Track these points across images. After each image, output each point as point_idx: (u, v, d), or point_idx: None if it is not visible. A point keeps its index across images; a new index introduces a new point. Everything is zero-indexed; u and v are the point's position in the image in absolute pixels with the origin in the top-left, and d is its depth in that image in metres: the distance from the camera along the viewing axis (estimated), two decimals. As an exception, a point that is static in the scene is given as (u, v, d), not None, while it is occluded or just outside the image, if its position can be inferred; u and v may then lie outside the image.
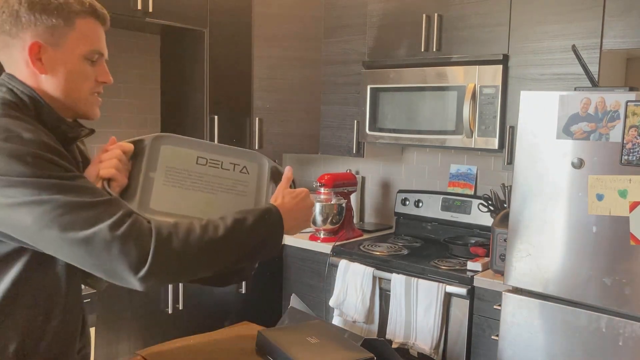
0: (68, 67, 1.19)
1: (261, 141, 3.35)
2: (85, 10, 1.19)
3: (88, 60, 1.21)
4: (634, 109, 1.97)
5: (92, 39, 1.21)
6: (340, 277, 2.88)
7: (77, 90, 1.21)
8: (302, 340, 1.51)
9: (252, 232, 1.20)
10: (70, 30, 1.18)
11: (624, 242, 2.02)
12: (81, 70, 1.21)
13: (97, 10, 1.22)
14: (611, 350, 2.07)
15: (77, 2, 1.18)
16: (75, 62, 1.20)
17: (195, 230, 1.14)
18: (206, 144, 1.35)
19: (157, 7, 2.79)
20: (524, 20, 2.57)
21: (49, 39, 1.16)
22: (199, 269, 1.15)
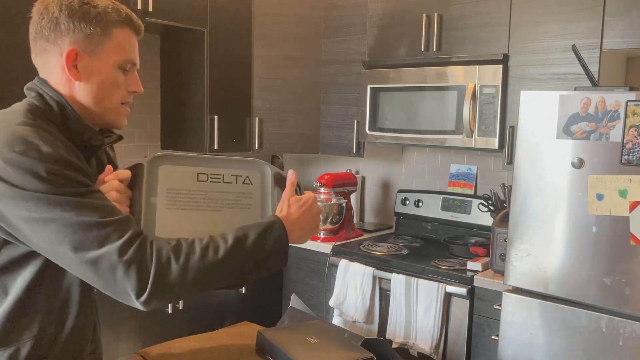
0: (102, 75, 1.21)
1: (261, 141, 3.35)
2: (122, 20, 1.21)
3: (121, 69, 1.23)
4: (634, 108, 1.97)
5: (127, 49, 1.22)
6: (340, 277, 2.88)
7: (108, 98, 1.23)
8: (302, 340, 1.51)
9: (255, 248, 1.19)
10: (107, 40, 1.19)
11: (624, 242, 2.02)
12: (114, 79, 1.22)
13: (134, 20, 1.24)
14: (611, 350, 2.07)
15: (114, 11, 1.20)
16: (109, 70, 1.21)
17: (194, 252, 1.13)
18: (205, 158, 1.32)
19: (157, 7, 2.79)
20: (524, 20, 2.57)
21: (87, 47, 1.18)
22: (200, 289, 1.16)
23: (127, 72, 1.24)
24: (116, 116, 1.26)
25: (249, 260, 1.19)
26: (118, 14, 1.21)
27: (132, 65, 1.25)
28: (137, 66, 1.27)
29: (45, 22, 1.17)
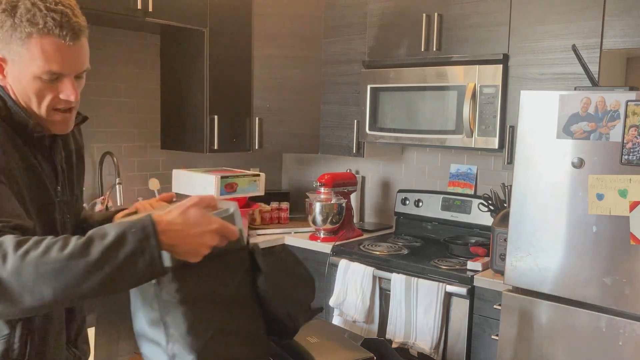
0: (23, 83, 1.19)
1: (261, 141, 3.35)
2: (39, 30, 1.14)
3: (40, 79, 1.18)
4: (634, 108, 1.97)
5: (45, 58, 1.16)
6: (340, 276, 2.88)
7: (33, 105, 1.21)
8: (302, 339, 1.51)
9: (111, 247, 1.01)
10: (23, 50, 1.15)
11: (624, 242, 2.02)
12: (34, 88, 1.19)
13: (56, 28, 1.15)
14: (611, 350, 2.07)
15: (30, 21, 1.14)
16: (28, 79, 1.18)
17: (38, 247, 1.01)
18: None
19: (157, 7, 2.79)
20: (524, 20, 2.57)
21: (7, 54, 1.17)
22: (47, 291, 0.99)
23: (55, 81, 1.19)
24: (48, 123, 1.24)
25: (104, 262, 1.00)
26: (34, 24, 1.14)
27: (56, 74, 1.18)
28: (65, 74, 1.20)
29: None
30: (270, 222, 3.52)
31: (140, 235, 1.02)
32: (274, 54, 3.32)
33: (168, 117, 3.35)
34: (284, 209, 3.56)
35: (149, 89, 3.33)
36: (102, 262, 1.00)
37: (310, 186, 3.61)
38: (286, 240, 3.23)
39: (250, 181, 3.18)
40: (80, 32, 1.18)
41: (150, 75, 3.33)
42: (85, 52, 1.22)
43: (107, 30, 3.05)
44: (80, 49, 1.20)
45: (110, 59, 3.09)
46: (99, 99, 3.04)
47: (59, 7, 1.15)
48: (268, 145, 3.38)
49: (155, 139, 3.36)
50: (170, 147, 3.31)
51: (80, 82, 1.25)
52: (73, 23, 1.17)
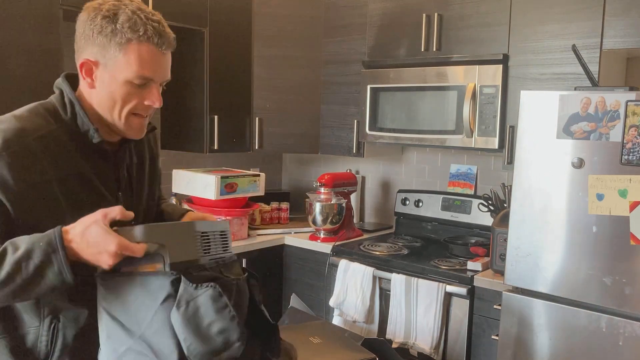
0: (112, 87, 1.25)
1: (261, 141, 3.35)
2: (139, 37, 1.22)
3: (133, 83, 1.25)
4: (634, 108, 1.97)
5: (142, 64, 1.24)
6: (340, 277, 2.88)
7: (117, 109, 1.27)
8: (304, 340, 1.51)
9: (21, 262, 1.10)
10: (120, 55, 1.23)
11: (624, 242, 2.02)
12: (124, 92, 1.25)
13: (155, 37, 1.24)
14: (611, 350, 2.07)
15: (132, 28, 1.22)
16: (119, 83, 1.24)
17: None
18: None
19: (157, 7, 2.76)
20: (524, 20, 2.57)
21: (101, 59, 1.24)
22: None
23: (143, 86, 1.26)
24: (126, 127, 1.30)
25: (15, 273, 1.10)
26: (134, 31, 1.22)
27: (146, 79, 1.26)
28: (155, 81, 1.28)
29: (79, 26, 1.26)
30: (270, 222, 3.52)
31: (48, 249, 1.10)
32: (274, 54, 3.32)
33: (168, 117, 3.35)
34: (284, 209, 3.56)
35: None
36: (14, 273, 1.10)
37: (310, 186, 3.61)
38: (286, 240, 3.23)
39: (250, 181, 3.18)
40: (171, 43, 1.29)
41: (150, 76, 3.33)
42: (169, 63, 1.31)
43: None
44: (168, 59, 1.30)
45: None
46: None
47: (155, 18, 1.26)
48: (268, 145, 3.38)
49: (155, 139, 3.35)
50: (170, 147, 3.31)
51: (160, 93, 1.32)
52: (167, 34, 1.27)
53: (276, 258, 3.24)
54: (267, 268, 3.19)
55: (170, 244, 1.14)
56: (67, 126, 1.27)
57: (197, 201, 3.08)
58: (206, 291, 1.12)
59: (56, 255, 1.10)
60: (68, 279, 1.11)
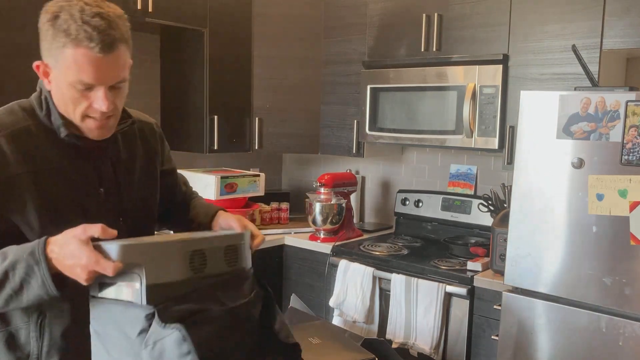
0: (62, 89, 1.24)
1: (261, 141, 3.35)
2: (73, 41, 1.17)
3: (75, 87, 1.21)
4: (634, 108, 1.97)
5: (78, 69, 1.19)
6: (340, 277, 2.88)
7: (68, 110, 1.26)
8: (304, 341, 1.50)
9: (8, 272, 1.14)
10: (60, 59, 1.20)
11: (624, 242, 2.02)
12: (70, 95, 1.23)
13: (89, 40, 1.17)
14: (611, 350, 2.07)
15: (66, 32, 1.17)
16: (65, 86, 1.23)
17: None
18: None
19: (157, 7, 2.79)
20: (524, 20, 2.57)
21: (50, 60, 1.23)
22: None
23: (88, 90, 1.22)
24: (84, 128, 1.28)
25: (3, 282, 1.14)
26: (69, 34, 1.17)
27: (86, 85, 1.21)
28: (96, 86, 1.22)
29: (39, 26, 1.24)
30: (270, 222, 3.52)
31: (31, 261, 1.12)
32: (273, 54, 3.32)
33: (168, 117, 3.35)
34: (284, 209, 3.56)
35: (149, 89, 3.33)
36: (3, 282, 1.14)
37: (310, 186, 3.61)
38: (286, 240, 3.23)
39: (250, 181, 3.18)
40: (113, 44, 1.19)
41: (150, 76, 3.33)
42: (119, 63, 1.23)
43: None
44: (113, 60, 1.21)
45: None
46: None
47: (94, 20, 1.18)
48: (268, 145, 3.38)
49: (155, 139, 3.35)
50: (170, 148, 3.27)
51: (119, 92, 1.27)
52: (106, 35, 1.18)
53: (276, 258, 3.24)
54: (267, 268, 3.19)
55: (149, 264, 1.07)
56: (42, 123, 1.28)
57: (197, 201, 3.08)
58: (172, 333, 1.04)
59: (39, 267, 1.11)
60: (52, 291, 1.12)
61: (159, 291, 1.07)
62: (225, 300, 1.16)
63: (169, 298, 1.08)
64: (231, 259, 1.21)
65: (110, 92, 1.24)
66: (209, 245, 1.17)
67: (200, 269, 1.13)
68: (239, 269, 1.22)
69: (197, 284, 1.12)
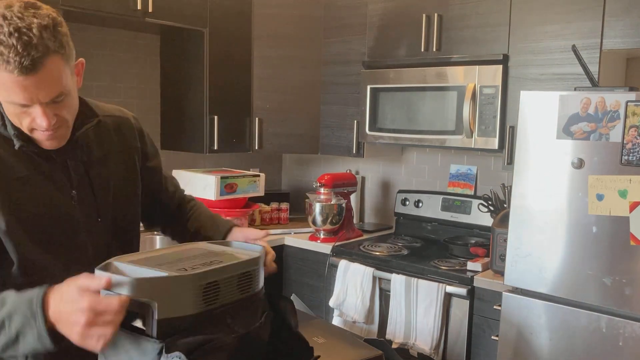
0: (3, 104, 1.20)
1: (261, 141, 3.35)
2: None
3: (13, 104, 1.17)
4: (634, 108, 1.97)
5: (5, 90, 1.13)
6: (340, 277, 2.88)
7: (17, 125, 1.22)
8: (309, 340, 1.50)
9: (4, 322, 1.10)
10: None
11: (624, 242, 2.02)
12: (11, 111, 1.19)
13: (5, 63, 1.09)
14: (611, 350, 2.07)
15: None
16: (4, 103, 1.19)
17: None
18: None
19: (156, 7, 2.79)
20: (524, 20, 2.57)
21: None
22: None
23: (26, 107, 1.16)
24: (36, 139, 1.25)
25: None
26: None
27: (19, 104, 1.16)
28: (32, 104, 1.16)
29: None
30: (270, 222, 3.52)
31: (28, 313, 1.07)
32: (274, 54, 3.32)
33: (168, 117, 3.35)
34: (284, 209, 3.56)
35: (149, 89, 3.33)
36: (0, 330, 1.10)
37: (310, 186, 3.61)
38: (286, 240, 3.23)
39: (250, 181, 3.18)
40: (33, 64, 1.10)
41: (150, 76, 3.33)
42: (50, 79, 1.14)
43: (107, 31, 3.05)
44: (40, 79, 1.12)
45: (110, 59, 3.09)
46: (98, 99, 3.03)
47: (10, 39, 1.08)
48: (268, 145, 3.38)
49: (155, 140, 3.34)
50: (170, 148, 3.31)
51: (61, 104, 1.20)
52: (23, 56, 1.09)
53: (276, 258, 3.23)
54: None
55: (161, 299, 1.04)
56: (1, 133, 1.24)
57: (197, 201, 3.08)
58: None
59: (35, 321, 1.06)
60: (48, 345, 1.07)
61: (169, 324, 1.05)
62: (235, 327, 1.13)
63: (179, 330, 1.06)
64: (245, 286, 1.17)
65: (51, 106, 1.18)
66: (224, 275, 1.12)
67: (213, 301, 1.10)
68: (252, 294, 1.19)
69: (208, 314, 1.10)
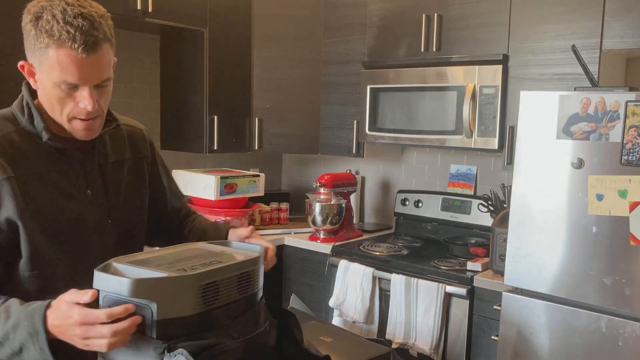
0: (47, 89, 1.23)
1: (261, 141, 3.35)
2: (56, 42, 1.17)
3: (60, 87, 1.21)
4: (634, 109, 1.97)
5: (61, 69, 1.19)
6: (340, 277, 2.88)
7: (55, 111, 1.25)
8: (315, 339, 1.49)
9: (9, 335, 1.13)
10: (44, 60, 1.20)
11: (624, 242, 2.02)
12: (55, 95, 1.23)
13: (72, 41, 1.17)
14: (611, 350, 2.07)
15: (49, 33, 1.17)
16: (50, 87, 1.22)
17: None
18: None
19: (156, 7, 2.79)
20: (524, 20, 2.57)
21: (35, 60, 1.22)
22: None
23: (73, 90, 1.22)
24: (70, 129, 1.28)
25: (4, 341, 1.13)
26: (52, 34, 1.16)
27: (70, 85, 1.21)
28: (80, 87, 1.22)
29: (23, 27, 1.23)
30: (270, 222, 3.52)
31: (30, 329, 1.10)
32: (273, 54, 3.32)
33: (168, 117, 3.35)
34: (284, 209, 3.56)
35: (149, 89, 3.33)
36: (4, 341, 1.13)
37: (310, 187, 3.61)
38: (286, 240, 3.23)
39: (250, 181, 3.18)
40: (95, 44, 1.19)
41: (150, 76, 3.33)
42: (103, 63, 1.23)
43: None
44: (97, 60, 1.21)
45: (110, 59, 3.09)
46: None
47: (76, 20, 1.17)
48: (268, 145, 3.38)
49: (155, 140, 3.34)
50: (170, 148, 3.31)
51: (104, 91, 1.27)
52: (89, 35, 1.18)
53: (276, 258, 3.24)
54: (266, 268, 3.19)
55: (161, 299, 1.05)
56: (25, 129, 1.27)
57: (196, 201, 3.08)
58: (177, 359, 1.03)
59: (37, 336, 1.09)
60: (48, 358, 1.11)
61: (169, 325, 1.06)
62: (236, 332, 1.14)
63: (179, 331, 1.07)
64: (244, 286, 1.18)
65: (96, 91, 1.24)
66: (223, 275, 1.13)
67: (212, 302, 1.11)
68: (251, 294, 1.20)
69: (208, 315, 1.11)
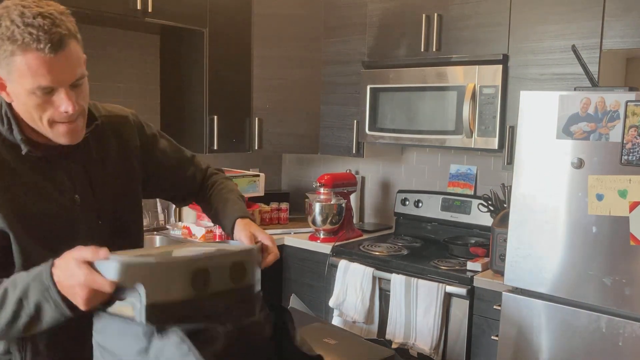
0: (22, 99, 1.18)
1: (261, 141, 3.35)
2: (20, 47, 1.12)
3: (35, 94, 1.16)
4: (634, 108, 1.97)
5: (32, 74, 1.13)
6: (340, 277, 2.88)
7: (34, 120, 1.21)
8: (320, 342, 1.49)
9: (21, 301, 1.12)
10: (12, 68, 1.14)
11: (624, 242, 2.02)
12: (32, 103, 1.17)
13: (36, 42, 1.12)
14: (611, 350, 2.07)
15: (11, 39, 1.11)
16: (24, 96, 1.17)
17: None
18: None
19: (156, 7, 2.79)
20: (524, 20, 2.57)
21: (3, 72, 1.16)
22: None
23: (49, 94, 1.17)
24: (54, 135, 1.23)
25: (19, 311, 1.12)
26: (14, 40, 1.11)
27: (47, 88, 1.16)
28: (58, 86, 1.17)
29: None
30: (269, 222, 3.52)
31: (41, 287, 1.10)
32: (273, 54, 3.32)
33: (167, 117, 3.35)
34: (284, 209, 3.56)
35: (149, 89, 3.33)
36: (19, 310, 1.12)
37: (310, 186, 3.61)
38: (286, 240, 3.23)
39: (249, 181, 3.18)
40: (61, 41, 1.14)
41: (150, 76, 3.33)
42: (73, 60, 1.18)
43: (107, 30, 3.05)
44: (66, 58, 1.15)
45: (110, 59, 3.09)
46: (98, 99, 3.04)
47: (36, 20, 1.12)
48: (268, 145, 3.38)
49: (155, 139, 3.36)
50: (170, 148, 3.31)
51: (80, 89, 1.22)
52: (52, 33, 1.12)
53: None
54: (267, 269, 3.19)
55: (149, 283, 1.03)
56: (7, 138, 1.24)
57: (196, 201, 3.08)
58: (170, 338, 1.03)
59: (50, 292, 1.09)
60: (66, 313, 1.09)
61: (159, 310, 1.04)
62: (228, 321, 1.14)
63: (169, 317, 1.06)
64: (237, 276, 1.16)
65: (72, 91, 1.19)
66: (214, 263, 1.12)
67: (204, 289, 1.10)
68: (246, 285, 1.19)
69: (200, 302, 1.10)
